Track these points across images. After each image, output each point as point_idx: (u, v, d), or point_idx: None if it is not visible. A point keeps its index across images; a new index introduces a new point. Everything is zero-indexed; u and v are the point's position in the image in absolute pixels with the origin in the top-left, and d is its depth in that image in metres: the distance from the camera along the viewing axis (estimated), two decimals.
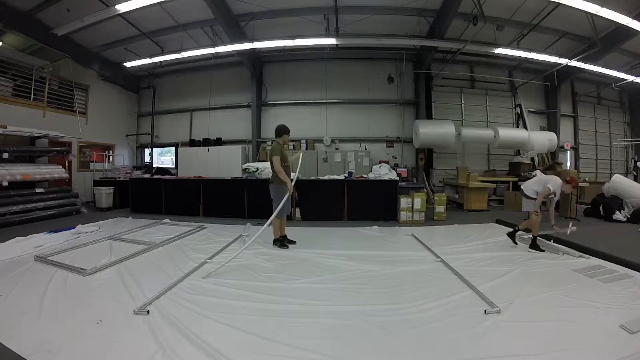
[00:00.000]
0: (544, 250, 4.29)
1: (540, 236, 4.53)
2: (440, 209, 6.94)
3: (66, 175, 7.84)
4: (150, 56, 8.88)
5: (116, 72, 10.39)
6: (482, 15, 6.80)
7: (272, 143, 4.79)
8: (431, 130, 9.10)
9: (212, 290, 2.98)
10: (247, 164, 7.71)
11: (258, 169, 7.29)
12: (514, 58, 9.51)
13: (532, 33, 8.27)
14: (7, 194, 6.28)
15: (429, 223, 6.48)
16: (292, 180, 4.43)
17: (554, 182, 4.41)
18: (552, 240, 4.59)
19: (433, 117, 10.18)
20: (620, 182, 6.81)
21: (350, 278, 3.34)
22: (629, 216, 6.31)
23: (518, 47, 8.31)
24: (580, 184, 7.49)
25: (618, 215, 6.32)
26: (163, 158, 12.18)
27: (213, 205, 7.21)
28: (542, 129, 10.77)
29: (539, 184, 4.53)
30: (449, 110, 10.43)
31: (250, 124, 10.47)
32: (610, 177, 7.39)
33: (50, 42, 7.89)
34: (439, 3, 7.77)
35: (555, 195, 4.52)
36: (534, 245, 4.36)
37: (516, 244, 4.60)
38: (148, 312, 2.46)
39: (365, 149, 10.00)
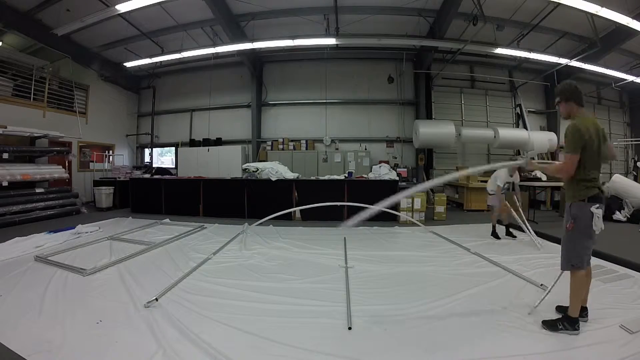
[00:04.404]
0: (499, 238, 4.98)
1: (539, 235, 4.60)
2: (440, 209, 6.94)
3: (66, 175, 7.85)
4: (150, 56, 8.87)
5: (116, 72, 10.39)
6: (482, 15, 6.81)
7: None
8: (431, 130, 9.09)
9: (212, 290, 2.98)
10: (247, 164, 7.73)
11: (258, 169, 7.30)
12: (514, 58, 9.50)
13: (532, 33, 8.26)
14: (7, 194, 6.29)
15: (429, 223, 6.47)
16: None
17: (500, 178, 4.94)
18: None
19: (433, 117, 10.17)
20: (620, 182, 6.81)
21: (351, 278, 3.34)
22: (629, 216, 6.31)
23: (518, 47, 8.30)
24: None
25: (618, 215, 6.31)
26: (163, 158, 12.18)
27: (213, 206, 7.20)
28: (542, 129, 10.76)
29: (494, 180, 5.02)
30: (449, 110, 10.42)
31: (250, 124, 10.48)
32: (610, 177, 7.39)
33: (50, 42, 7.89)
34: (439, 3, 7.77)
35: (510, 188, 5.08)
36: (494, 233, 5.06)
37: (499, 238, 5.05)
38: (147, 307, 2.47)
39: (365, 149, 9.99)
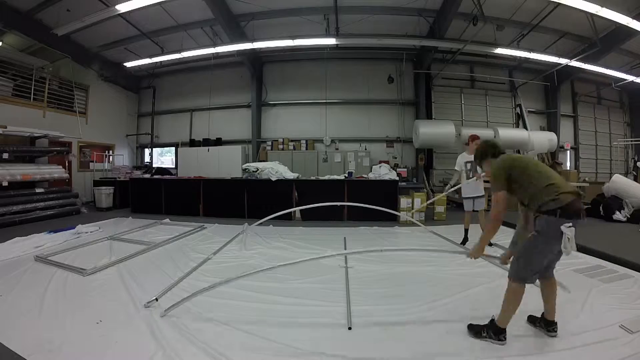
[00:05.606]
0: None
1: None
2: (440, 209, 6.94)
3: (66, 175, 7.84)
4: (150, 56, 8.87)
5: (116, 72, 10.39)
6: (482, 15, 6.82)
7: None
8: (431, 130, 9.10)
9: (212, 290, 2.96)
10: (247, 164, 7.72)
11: (258, 169, 7.30)
12: (514, 58, 9.51)
13: (532, 33, 8.26)
14: (7, 194, 6.28)
15: (429, 223, 6.47)
16: None
17: (459, 163, 4.98)
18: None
19: (433, 117, 10.18)
20: (620, 182, 6.80)
21: (351, 278, 3.33)
22: (629, 216, 6.31)
23: (518, 47, 8.30)
24: (580, 184, 7.47)
25: (618, 215, 6.31)
26: (163, 158, 12.18)
27: (213, 206, 7.20)
28: (542, 129, 10.77)
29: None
30: (449, 110, 10.43)
31: (250, 124, 10.48)
32: (610, 177, 7.39)
33: (50, 42, 7.89)
34: (439, 3, 7.77)
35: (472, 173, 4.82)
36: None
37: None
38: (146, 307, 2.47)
39: (365, 149, 10.00)
